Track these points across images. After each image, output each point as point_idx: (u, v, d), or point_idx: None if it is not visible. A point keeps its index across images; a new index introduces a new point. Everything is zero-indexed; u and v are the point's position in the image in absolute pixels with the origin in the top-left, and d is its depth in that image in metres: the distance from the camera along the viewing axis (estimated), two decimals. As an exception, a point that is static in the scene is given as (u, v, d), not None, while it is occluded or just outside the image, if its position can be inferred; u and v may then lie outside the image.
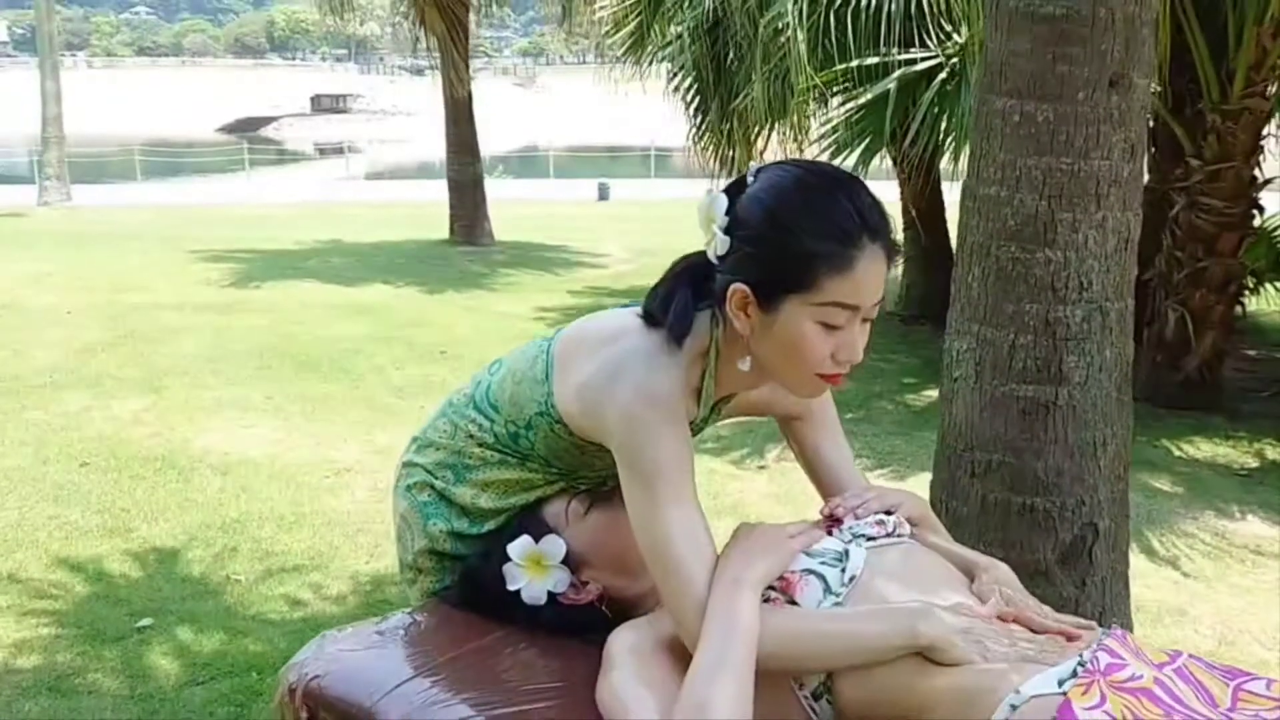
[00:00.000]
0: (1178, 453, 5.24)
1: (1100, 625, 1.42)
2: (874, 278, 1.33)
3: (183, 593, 3.41)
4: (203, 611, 3.28)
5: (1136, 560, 3.25)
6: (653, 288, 1.46)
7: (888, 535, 1.45)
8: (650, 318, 1.44)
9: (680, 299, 1.41)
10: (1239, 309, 6.33)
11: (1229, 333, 6.12)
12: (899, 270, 8.67)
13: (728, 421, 5.68)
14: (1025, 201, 2.03)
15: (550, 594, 1.58)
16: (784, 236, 1.31)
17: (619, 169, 24.07)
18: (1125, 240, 2.06)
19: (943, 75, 5.77)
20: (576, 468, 1.60)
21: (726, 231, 1.35)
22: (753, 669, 1.27)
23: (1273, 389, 6.58)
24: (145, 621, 3.19)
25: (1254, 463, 5.17)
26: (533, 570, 1.59)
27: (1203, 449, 5.34)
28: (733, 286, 1.34)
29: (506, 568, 1.59)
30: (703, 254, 1.42)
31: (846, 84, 6.09)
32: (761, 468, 4.85)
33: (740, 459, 4.96)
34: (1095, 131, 1.98)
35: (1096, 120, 1.98)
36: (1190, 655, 1.31)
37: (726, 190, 1.38)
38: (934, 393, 6.12)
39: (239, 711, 2.72)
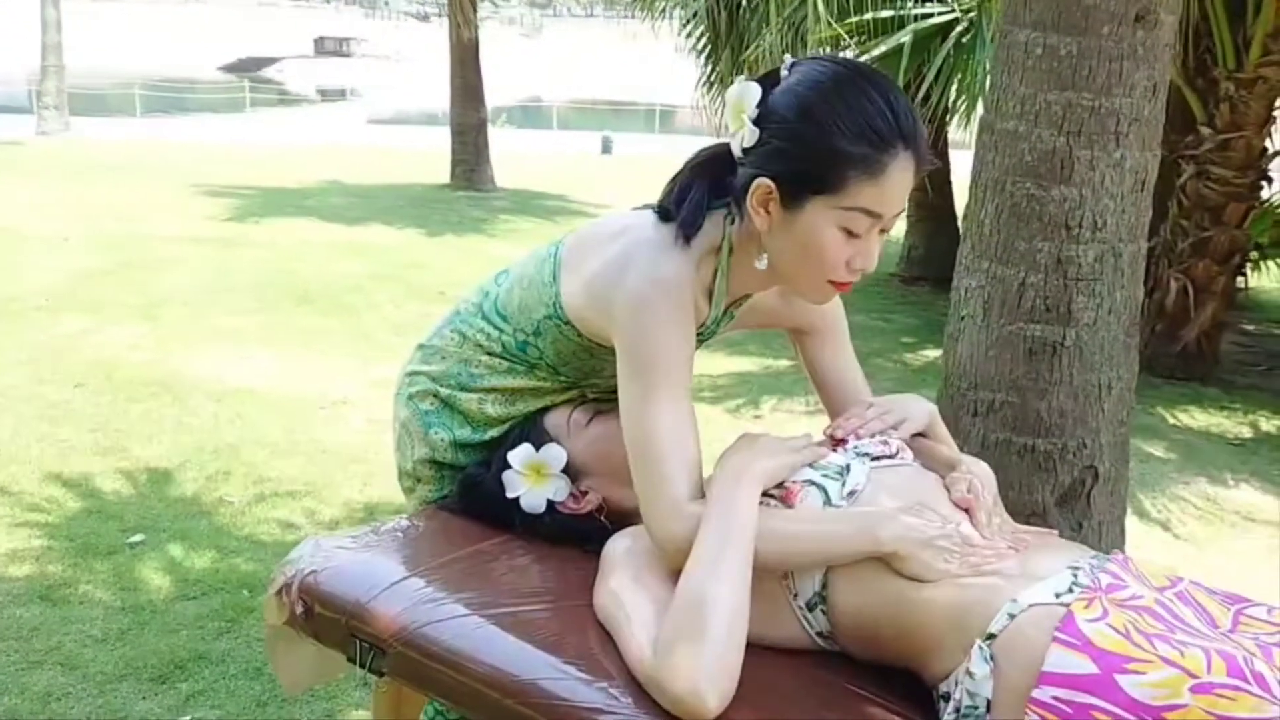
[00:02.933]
0: (1173, 421, 5.25)
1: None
2: (902, 187, 1.30)
3: (175, 512, 3.41)
4: (195, 530, 3.28)
5: (1128, 520, 3.27)
6: (670, 180, 1.44)
7: (890, 457, 1.44)
8: (664, 212, 1.41)
9: (695, 195, 1.38)
10: (1241, 281, 6.32)
11: (1229, 305, 6.11)
12: (901, 231, 8.64)
13: (724, 371, 5.64)
14: (1043, 137, 2.00)
15: (549, 502, 1.57)
16: (817, 133, 1.27)
17: (623, 123, 23.87)
18: (1142, 181, 2.03)
19: (958, 30, 5.69)
20: (586, 374, 1.58)
21: (756, 123, 1.31)
22: (750, 561, 1.26)
23: (1269, 363, 6.59)
24: (137, 538, 3.19)
25: (1248, 433, 5.18)
26: (533, 478, 1.58)
27: (1197, 418, 5.34)
28: (757, 180, 1.31)
29: (506, 475, 1.58)
30: (723, 147, 1.39)
31: (861, 36, 6.02)
32: (757, 417, 4.86)
33: (736, 408, 4.96)
34: (1119, 67, 1.94)
35: (1120, 56, 1.94)
36: (1192, 581, 1.30)
37: (760, 80, 1.34)
38: (932, 352, 6.12)
39: (230, 626, 2.72)
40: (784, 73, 1.34)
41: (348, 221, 9.58)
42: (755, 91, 1.32)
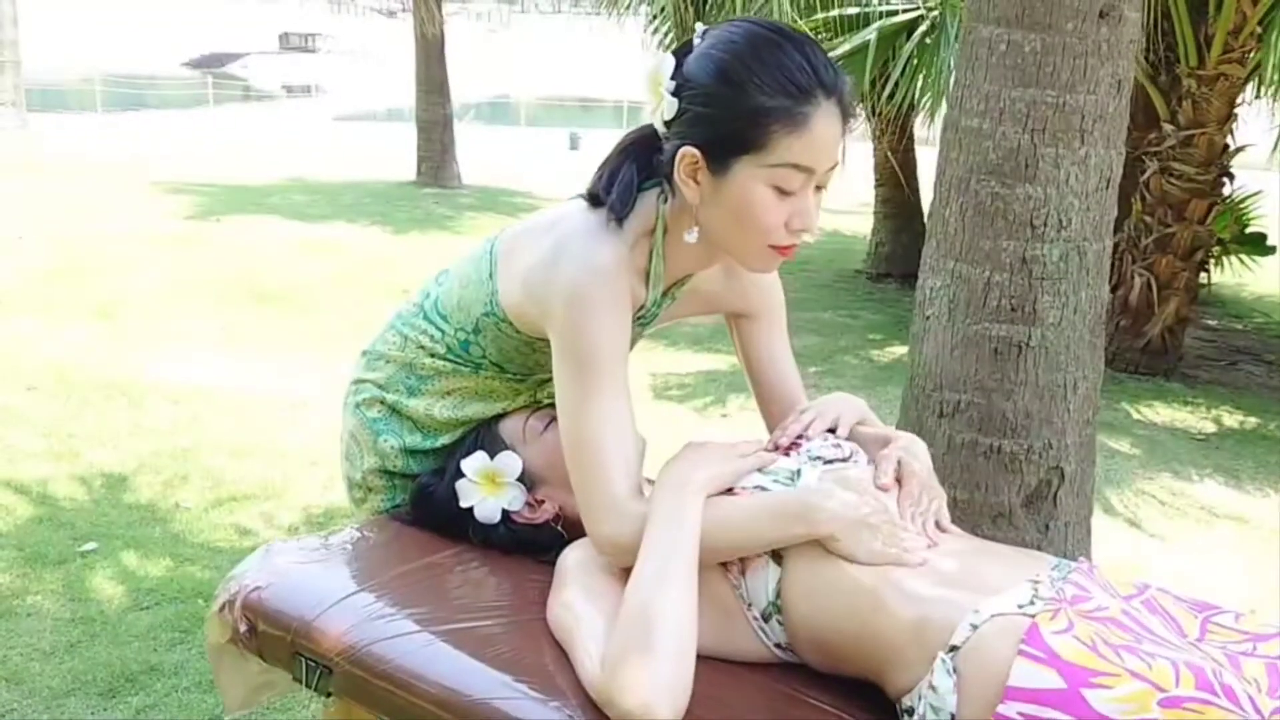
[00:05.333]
0: (1137, 416, 5.28)
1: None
2: (829, 138, 1.26)
3: (129, 518, 3.32)
4: (149, 538, 3.20)
5: (1094, 518, 3.27)
6: (600, 166, 1.40)
7: (843, 460, 1.41)
8: (594, 198, 1.38)
9: (624, 176, 1.35)
10: (1204, 277, 6.36)
11: (1192, 301, 6.15)
12: (868, 228, 8.65)
13: (691, 369, 5.57)
14: (1008, 134, 1.97)
15: (504, 512, 1.53)
16: (735, 92, 1.24)
17: (591, 120, 23.79)
18: (1107, 179, 2.01)
19: (923, 28, 5.70)
20: (531, 369, 1.55)
21: (675, 94, 1.28)
22: (696, 572, 1.23)
23: (1231, 359, 6.65)
24: (89, 546, 3.11)
25: (1211, 428, 5.21)
26: (487, 487, 1.53)
27: (1161, 413, 5.37)
28: (682, 150, 1.28)
29: (460, 484, 1.54)
30: (649, 127, 1.36)
31: (827, 33, 6.01)
32: (724, 416, 4.82)
33: (703, 406, 4.92)
34: (1083, 64, 1.93)
35: (1085, 52, 1.92)
36: (1159, 587, 1.28)
37: (674, 52, 1.32)
38: (899, 349, 6.12)
39: (183, 637, 2.65)
40: (697, 40, 1.31)
41: (311, 219, 9.46)
42: (670, 62, 1.30)
